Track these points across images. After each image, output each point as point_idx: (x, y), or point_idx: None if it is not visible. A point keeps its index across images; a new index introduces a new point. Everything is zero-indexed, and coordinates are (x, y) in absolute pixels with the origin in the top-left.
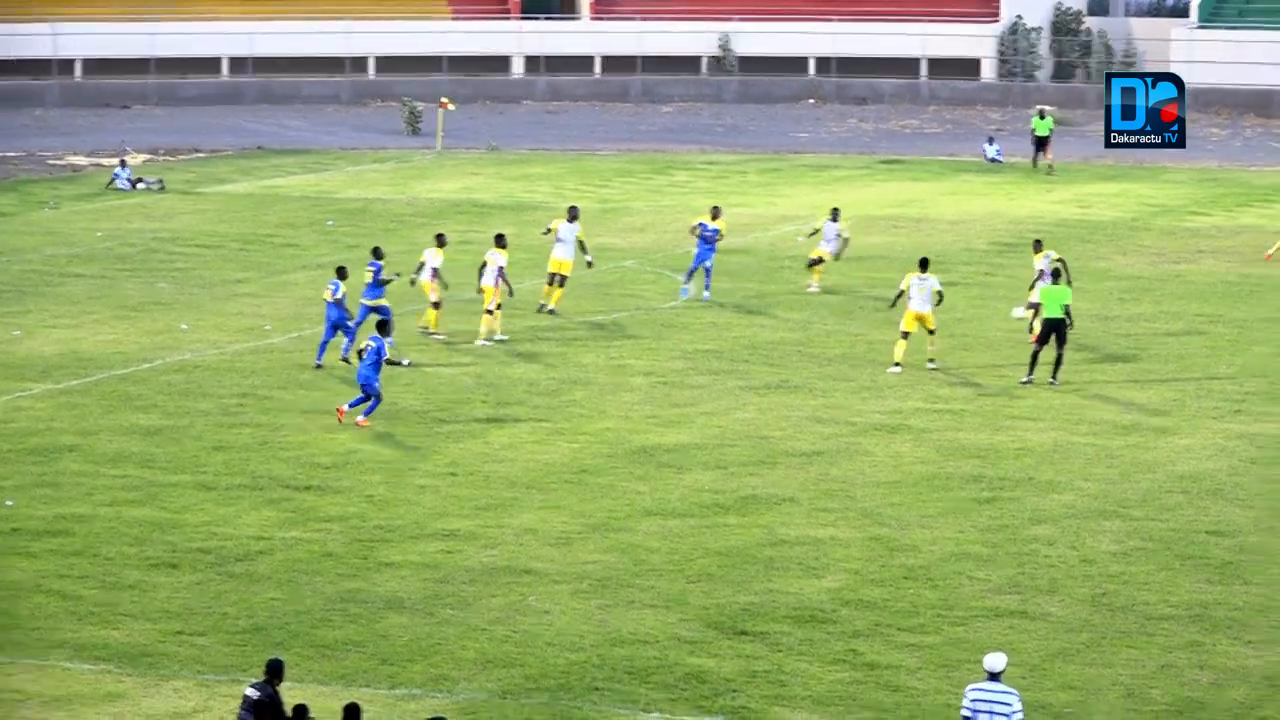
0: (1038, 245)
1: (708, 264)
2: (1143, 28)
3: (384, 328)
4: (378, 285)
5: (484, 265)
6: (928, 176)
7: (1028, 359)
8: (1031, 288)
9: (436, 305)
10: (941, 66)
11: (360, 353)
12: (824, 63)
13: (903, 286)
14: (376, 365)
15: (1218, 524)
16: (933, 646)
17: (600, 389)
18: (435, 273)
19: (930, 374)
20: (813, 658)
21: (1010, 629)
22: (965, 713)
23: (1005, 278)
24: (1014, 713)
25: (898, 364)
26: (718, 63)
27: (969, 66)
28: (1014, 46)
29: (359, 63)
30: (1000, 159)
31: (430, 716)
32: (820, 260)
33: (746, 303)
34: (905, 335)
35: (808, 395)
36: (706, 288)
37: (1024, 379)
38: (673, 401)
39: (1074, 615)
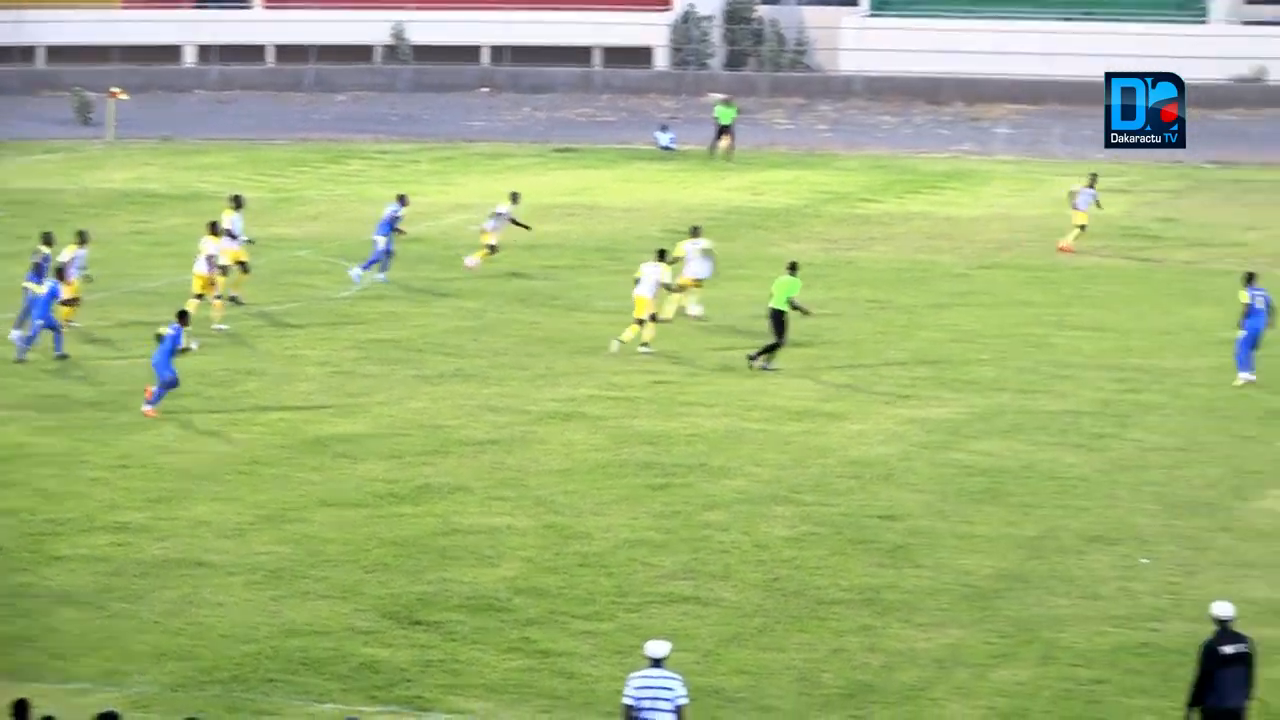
0: (695, 231)
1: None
2: (814, 16)
3: (184, 317)
4: (38, 273)
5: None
6: (601, 164)
7: (704, 348)
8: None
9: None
10: (615, 55)
11: (158, 338)
12: (498, 51)
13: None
14: (170, 354)
15: (888, 508)
16: (607, 633)
17: (274, 379)
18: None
19: (606, 360)
20: (487, 646)
21: (684, 615)
22: (629, 701)
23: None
24: (677, 698)
25: (621, 340)
26: (391, 51)
27: (642, 55)
28: (686, 35)
29: (27, 52)
30: (674, 146)
31: (101, 711)
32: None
33: (422, 292)
34: (639, 321)
35: (482, 384)
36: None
37: (752, 359)
38: (347, 391)
39: (747, 600)
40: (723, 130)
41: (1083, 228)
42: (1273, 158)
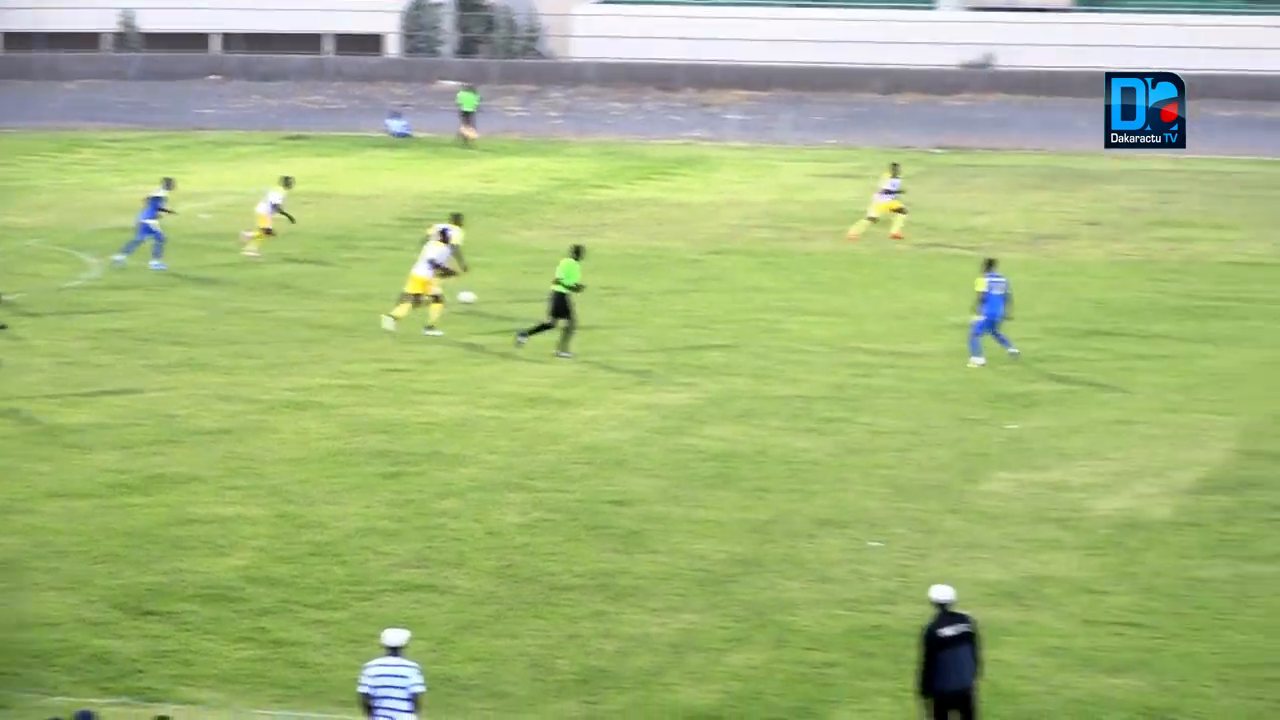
0: (456, 219)
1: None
2: (546, 3)
3: None
4: None
5: None
6: (334, 152)
7: (448, 334)
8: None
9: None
10: (346, 42)
11: None
12: (228, 39)
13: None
14: None
15: (622, 494)
16: (340, 622)
17: (1, 370)
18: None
19: (339, 349)
20: (219, 636)
21: (418, 602)
22: (364, 689)
23: (412, 253)
24: (412, 685)
25: (395, 318)
26: (121, 39)
27: (373, 42)
28: (418, 22)
29: None
30: (408, 133)
31: None
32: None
33: (154, 280)
34: (415, 298)
35: (214, 373)
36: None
37: (520, 339)
38: (76, 381)
39: (480, 587)
40: (467, 116)
41: (874, 219)
42: (1000, 143)
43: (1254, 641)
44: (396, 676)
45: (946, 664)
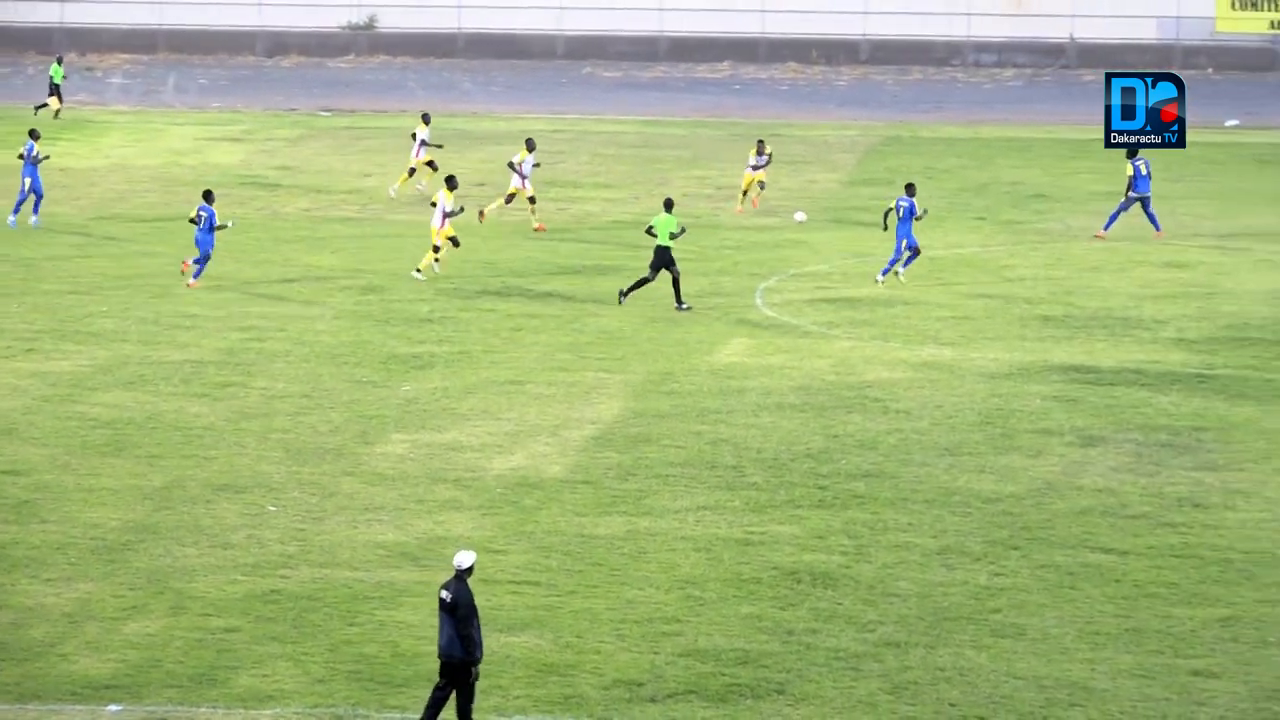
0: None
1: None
2: None
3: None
4: None
5: None
6: None
7: None
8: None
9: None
10: None
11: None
12: None
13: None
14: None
15: (12, 464)
16: None
17: None
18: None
19: None
20: None
21: None
22: None
23: None
24: None
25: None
26: None
27: None
28: None
29: None
30: None
31: None
32: None
33: None
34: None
35: None
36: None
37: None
38: None
39: None
40: (55, 89)
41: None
42: (386, 105)
43: (649, 596)
44: None
45: (440, 627)
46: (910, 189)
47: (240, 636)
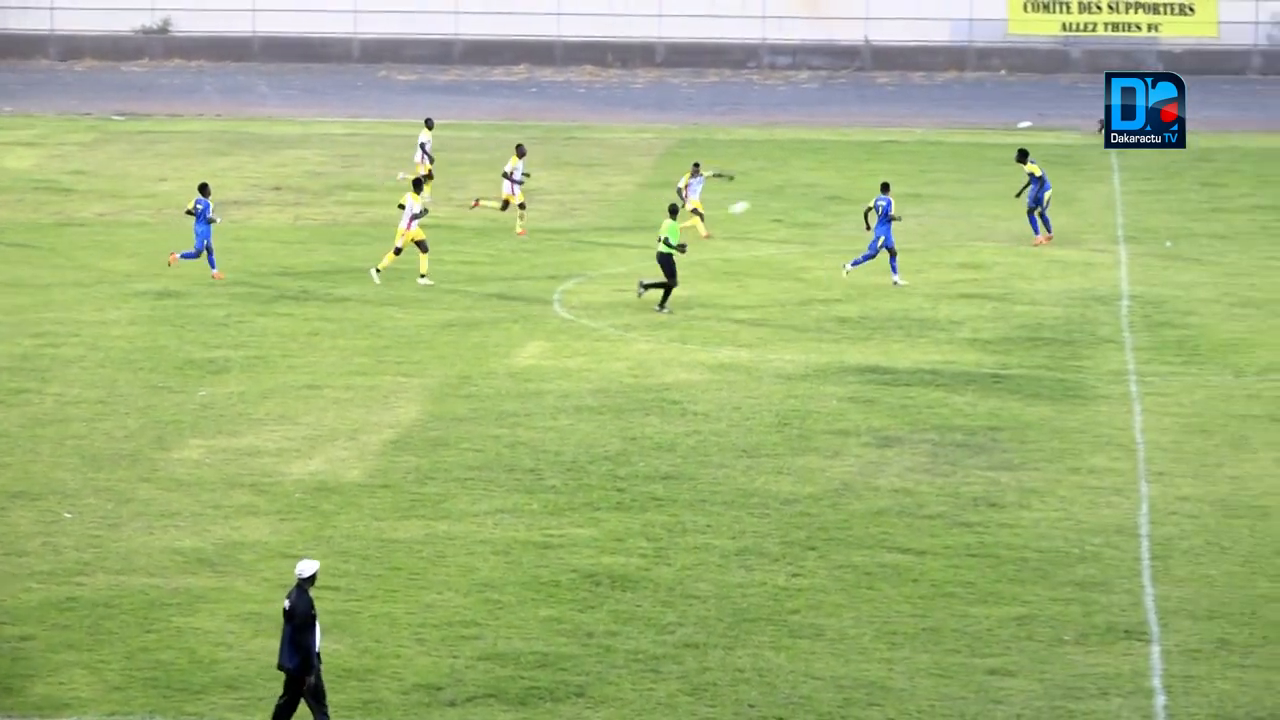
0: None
1: None
2: None
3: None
4: None
5: None
6: None
7: None
8: None
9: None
10: None
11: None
12: None
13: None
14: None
15: None
16: None
17: None
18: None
19: None
20: None
21: None
22: None
23: None
24: None
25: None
26: None
27: None
28: None
29: None
30: None
31: None
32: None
33: None
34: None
35: None
36: None
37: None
38: None
39: None
40: None
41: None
42: (182, 109)
43: (448, 600)
44: None
45: (282, 638)
46: (885, 188)
47: (36, 645)
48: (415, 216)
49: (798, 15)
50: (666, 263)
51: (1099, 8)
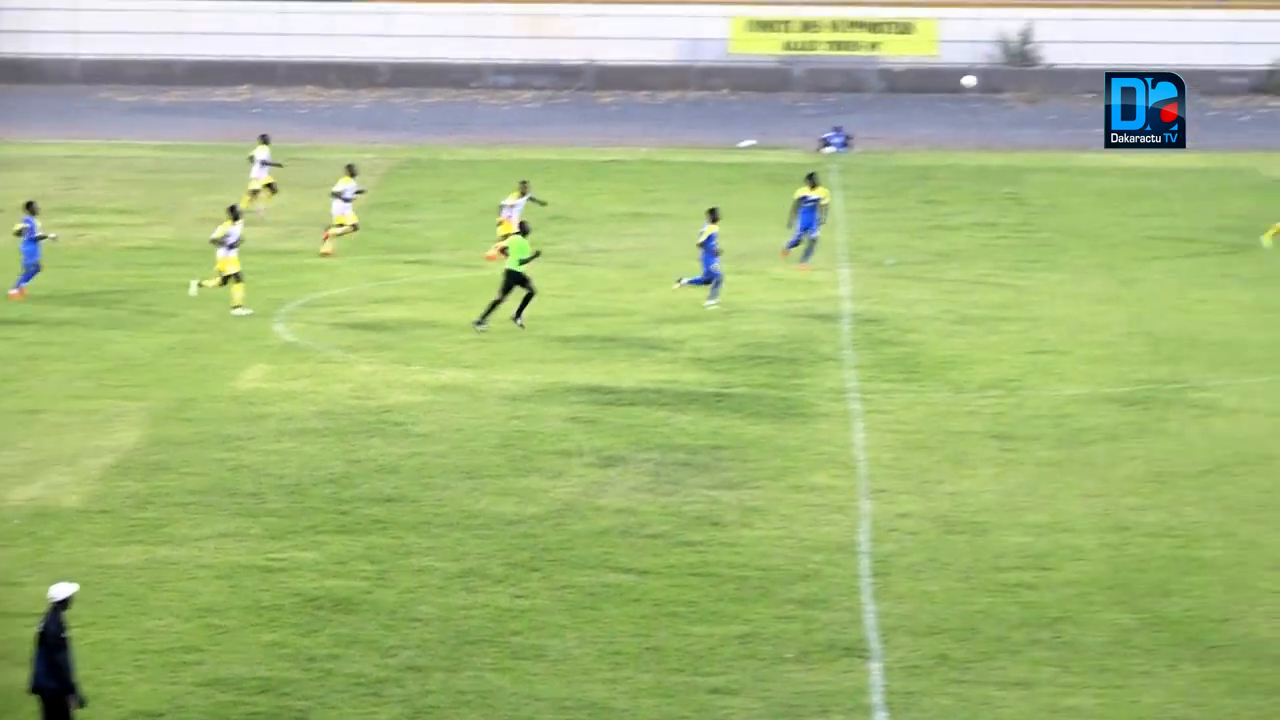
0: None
1: None
2: None
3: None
4: None
5: None
6: None
7: None
8: None
9: None
10: None
11: None
12: None
13: None
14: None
15: None
16: None
17: None
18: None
19: None
20: None
21: None
22: None
23: None
24: None
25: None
26: None
27: None
28: None
29: None
30: None
31: None
32: None
33: None
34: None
35: None
36: None
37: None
38: None
39: None
40: None
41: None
42: None
43: (168, 625)
44: None
45: (34, 660)
46: (713, 214)
47: None
48: (232, 245)
49: (521, 35)
50: (519, 279)
51: (820, 27)
